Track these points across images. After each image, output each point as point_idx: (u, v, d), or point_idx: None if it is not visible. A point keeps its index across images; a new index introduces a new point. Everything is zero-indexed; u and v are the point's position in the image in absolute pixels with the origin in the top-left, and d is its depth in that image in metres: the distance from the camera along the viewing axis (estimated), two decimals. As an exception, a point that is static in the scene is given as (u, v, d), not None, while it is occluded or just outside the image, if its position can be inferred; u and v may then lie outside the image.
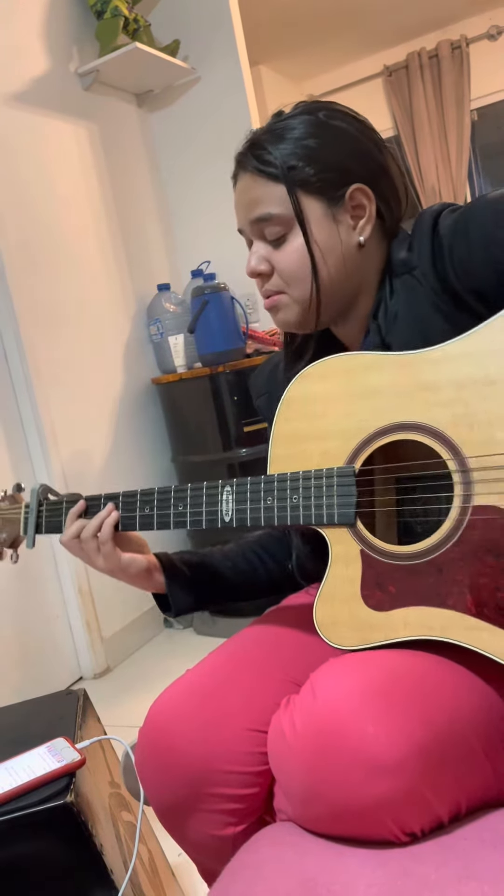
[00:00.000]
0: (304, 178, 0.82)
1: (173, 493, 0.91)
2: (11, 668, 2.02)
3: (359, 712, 0.67)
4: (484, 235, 0.74)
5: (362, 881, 0.64)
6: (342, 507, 0.80)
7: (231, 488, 0.87)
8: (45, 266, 2.23)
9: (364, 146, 0.85)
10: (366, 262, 0.87)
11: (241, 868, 0.72)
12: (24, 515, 1.00)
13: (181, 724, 0.82)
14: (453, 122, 4.18)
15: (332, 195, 0.83)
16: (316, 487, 0.81)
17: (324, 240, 0.84)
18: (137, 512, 0.93)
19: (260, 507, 0.85)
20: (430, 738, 0.67)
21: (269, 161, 0.83)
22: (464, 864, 0.65)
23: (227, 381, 2.36)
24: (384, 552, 0.78)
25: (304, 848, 0.70)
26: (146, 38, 2.53)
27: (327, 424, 0.82)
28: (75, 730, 0.91)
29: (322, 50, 4.12)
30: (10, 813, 0.76)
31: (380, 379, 0.78)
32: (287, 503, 0.83)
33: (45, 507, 0.98)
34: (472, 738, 0.70)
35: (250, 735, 0.82)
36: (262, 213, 0.84)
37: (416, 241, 0.81)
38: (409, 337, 0.80)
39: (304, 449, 0.83)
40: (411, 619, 0.76)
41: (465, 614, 0.73)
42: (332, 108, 0.86)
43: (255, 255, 0.87)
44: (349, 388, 0.80)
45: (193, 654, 2.20)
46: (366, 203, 0.84)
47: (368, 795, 0.65)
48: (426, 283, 0.80)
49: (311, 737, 0.68)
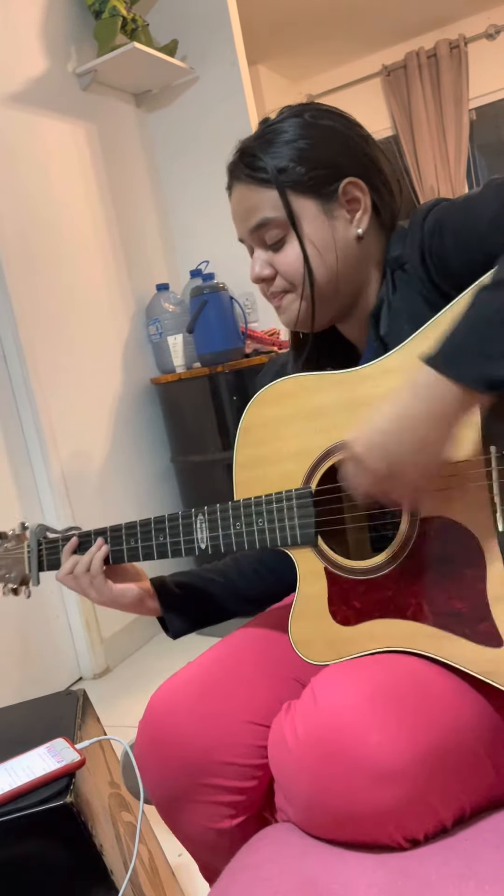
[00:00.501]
0: (295, 179, 0.83)
1: (153, 524, 0.94)
2: (11, 669, 2.02)
3: (361, 719, 0.66)
4: (455, 234, 0.75)
5: (363, 881, 0.64)
6: (303, 528, 0.82)
7: (203, 516, 0.90)
8: (44, 266, 2.23)
9: (353, 141, 0.86)
10: (365, 254, 0.87)
11: (241, 868, 0.72)
12: (28, 555, 1.04)
13: (181, 716, 0.82)
14: (452, 121, 4.18)
15: (326, 191, 0.84)
16: (278, 510, 0.84)
17: (321, 237, 0.84)
18: (124, 545, 0.96)
19: (230, 532, 0.88)
20: (433, 745, 0.66)
21: (260, 167, 0.84)
22: (465, 864, 0.65)
23: (226, 381, 2.36)
24: (345, 568, 0.80)
25: (305, 848, 0.70)
26: (144, 38, 2.52)
27: (282, 447, 0.84)
28: (75, 730, 0.91)
29: (320, 50, 4.11)
30: (10, 814, 0.76)
31: (323, 399, 0.81)
32: (254, 527, 0.86)
33: (45, 546, 1.02)
34: (474, 742, 0.70)
35: (250, 728, 0.82)
36: (259, 219, 0.85)
37: (409, 236, 0.82)
38: (408, 334, 0.80)
39: (265, 472, 0.86)
40: (377, 631, 0.78)
41: (424, 624, 0.75)
42: (317, 107, 0.87)
43: (258, 261, 0.88)
44: (298, 411, 0.83)
45: (193, 654, 2.19)
46: (360, 196, 0.85)
47: (372, 803, 0.65)
48: (416, 278, 0.80)
49: (314, 744, 0.68)
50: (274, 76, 4.29)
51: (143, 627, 2.46)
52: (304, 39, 3.93)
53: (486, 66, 4.14)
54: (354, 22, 3.83)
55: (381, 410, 0.70)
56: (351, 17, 3.75)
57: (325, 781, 0.67)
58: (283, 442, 0.84)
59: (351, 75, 4.37)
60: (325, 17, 3.69)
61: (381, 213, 0.87)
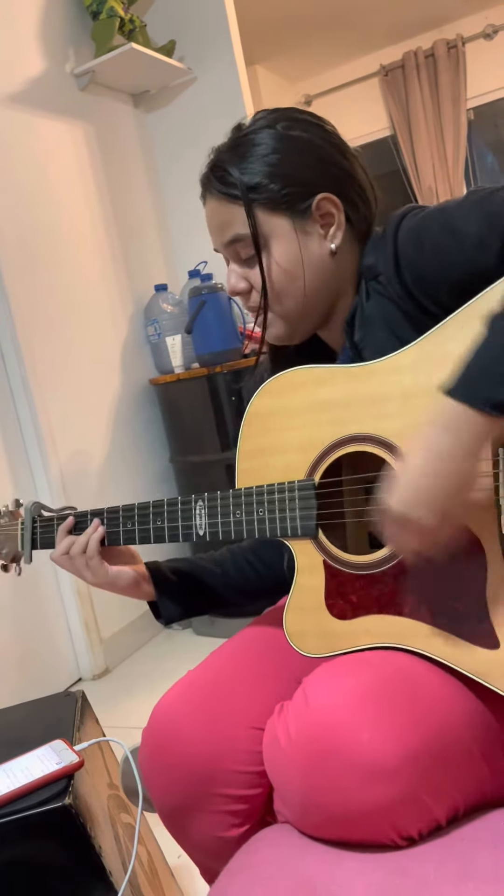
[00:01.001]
0: (267, 196, 0.83)
1: (152, 508, 0.93)
2: (10, 670, 2.01)
3: (352, 718, 0.67)
4: (433, 247, 0.75)
5: (361, 881, 0.64)
6: (304, 520, 0.82)
7: (203, 503, 0.89)
8: (42, 267, 2.23)
9: (326, 153, 0.85)
10: (341, 267, 0.87)
11: (239, 869, 0.72)
12: (21, 532, 1.02)
13: (185, 724, 0.82)
14: (450, 121, 4.18)
15: (299, 208, 0.83)
16: (279, 500, 0.84)
17: (293, 255, 0.84)
18: (121, 527, 0.95)
19: (230, 520, 0.87)
20: (425, 743, 0.67)
21: (231, 182, 0.83)
22: (462, 863, 0.65)
23: (224, 382, 2.36)
24: (344, 562, 0.80)
25: (303, 849, 0.70)
26: (142, 39, 2.52)
27: (287, 438, 0.84)
28: (74, 731, 0.91)
29: (318, 50, 4.11)
30: (9, 815, 0.76)
31: (332, 392, 0.81)
32: (254, 516, 0.85)
33: (39, 524, 1.01)
34: (467, 740, 0.70)
35: (255, 734, 0.82)
36: (233, 235, 0.85)
37: (382, 245, 0.82)
38: (382, 341, 0.81)
39: (268, 462, 0.86)
40: (372, 627, 0.78)
41: (421, 622, 0.75)
42: (291, 116, 0.86)
43: (233, 273, 0.88)
44: (305, 402, 0.83)
45: (193, 655, 2.19)
46: (333, 211, 0.84)
47: (365, 801, 0.65)
48: (391, 287, 0.80)
49: (306, 744, 0.68)
50: (272, 76, 4.29)
51: (142, 628, 2.46)
52: (302, 40, 3.93)
53: (484, 65, 4.14)
54: (352, 22, 3.83)
55: (409, 464, 0.68)
56: (349, 17, 3.75)
57: (317, 780, 0.67)
58: (289, 433, 0.84)
59: (349, 75, 4.37)
60: (323, 17, 3.69)
61: (354, 224, 0.87)
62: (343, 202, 0.85)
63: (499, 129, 4.40)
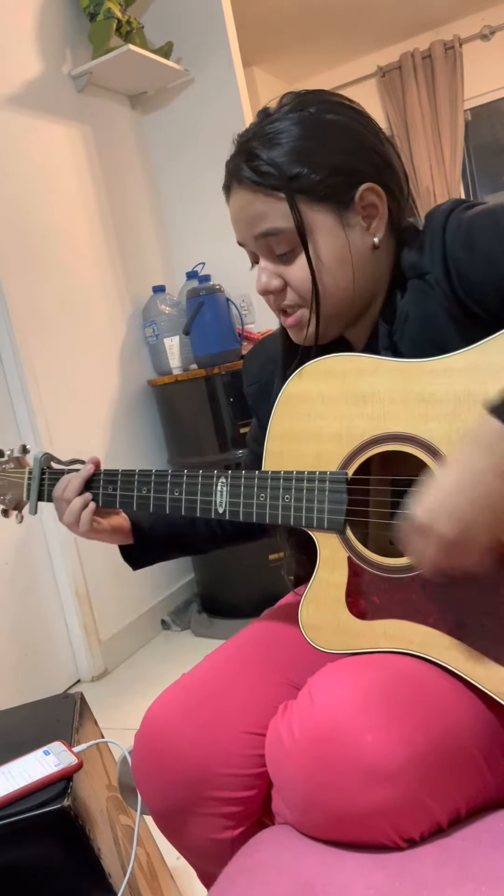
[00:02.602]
0: (309, 187, 0.76)
1: (170, 477, 0.91)
2: (9, 672, 2.01)
3: (357, 720, 0.66)
4: (485, 250, 0.72)
5: (360, 883, 0.64)
6: (332, 514, 0.80)
7: (226, 480, 0.86)
8: (40, 269, 2.23)
9: (366, 139, 0.79)
10: (380, 262, 0.82)
11: (238, 872, 0.72)
12: (28, 482, 1.01)
13: (178, 728, 0.81)
14: (447, 122, 4.18)
15: (342, 199, 0.78)
16: (308, 490, 0.81)
17: (337, 250, 0.79)
18: (135, 492, 0.93)
19: (252, 502, 0.84)
20: (429, 746, 0.66)
21: (267, 172, 0.77)
22: (462, 864, 0.65)
23: (222, 383, 2.36)
24: (371, 562, 0.78)
25: (302, 851, 0.70)
26: (139, 40, 2.52)
27: (322, 426, 0.80)
28: (72, 733, 0.91)
29: (315, 51, 4.12)
30: (8, 818, 0.76)
31: (376, 384, 0.77)
32: (279, 502, 0.83)
33: (48, 476, 1.00)
34: (471, 744, 0.70)
35: (248, 738, 0.81)
36: (268, 228, 0.79)
37: (427, 243, 0.77)
38: (420, 342, 0.78)
39: (299, 448, 0.82)
40: (391, 631, 0.76)
41: (444, 633, 0.73)
42: (324, 99, 0.79)
43: (265, 271, 0.82)
44: (345, 391, 0.79)
45: (191, 656, 2.19)
46: (377, 202, 0.79)
47: (367, 803, 0.65)
48: (439, 289, 0.76)
49: (310, 744, 0.68)
50: (269, 78, 4.29)
51: (141, 630, 2.46)
52: (299, 41, 3.94)
53: (481, 66, 4.15)
54: (349, 23, 3.83)
55: (443, 473, 0.66)
56: (346, 18, 3.76)
57: (321, 781, 0.66)
58: (325, 421, 0.80)
59: (346, 76, 4.38)
60: (320, 18, 3.69)
61: (394, 217, 0.82)
62: (385, 193, 0.79)
63: (496, 130, 4.41)
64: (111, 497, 0.96)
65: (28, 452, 1.05)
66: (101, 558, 2.27)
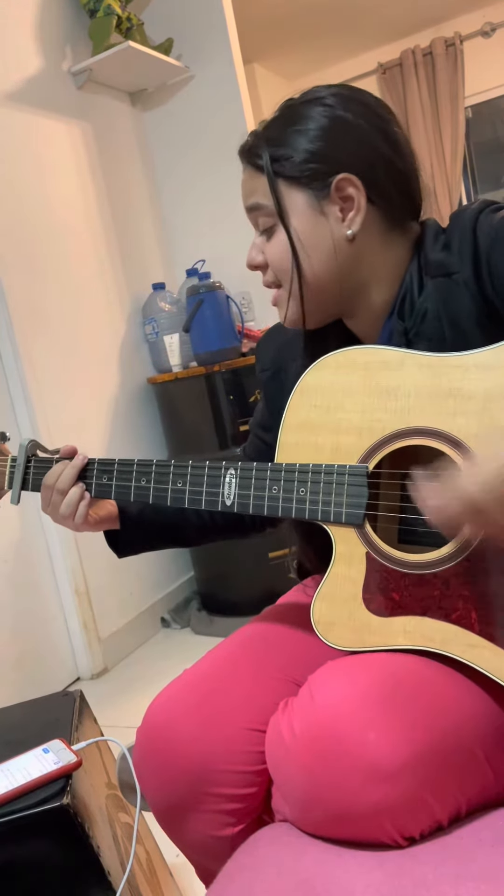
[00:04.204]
0: (287, 169, 0.81)
1: (173, 467, 0.87)
2: (8, 670, 2.01)
3: (358, 717, 0.66)
4: None
5: (360, 881, 0.64)
6: (351, 507, 0.78)
7: (235, 471, 0.84)
8: (40, 266, 2.22)
9: (364, 134, 0.81)
10: (365, 255, 0.83)
11: (238, 869, 0.72)
12: (10, 470, 0.97)
13: (180, 723, 0.82)
14: (448, 119, 4.18)
15: (319, 185, 0.80)
16: (325, 483, 0.79)
17: (308, 233, 0.81)
18: (133, 482, 0.89)
19: (264, 494, 0.82)
20: (430, 744, 0.66)
21: (257, 153, 0.83)
22: (462, 863, 0.65)
23: (223, 380, 2.36)
24: (391, 558, 0.76)
25: (302, 848, 0.70)
26: (139, 37, 2.52)
27: (342, 418, 0.78)
28: (72, 731, 0.91)
29: (316, 47, 4.11)
30: (7, 815, 0.76)
31: (400, 378, 0.75)
32: (293, 495, 0.80)
33: (34, 464, 0.96)
34: (472, 743, 0.70)
35: (249, 734, 0.81)
36: (253, 202, 0.85)
37: (454, 242, 0.78)
38: (439, 339, 0.78)
39: (316, 441, 0.80)
40: (411, 628, 0.75)
41: (469, 631, 0.72)
42: (342, 94, 0.82)
43: (254, 246, 0.87)
44: (367, 383, 0.77)
45: (191, 654, 2.19)
46: (353, 194, 0.80)
47: (368, 801, 0.65)
48: (468, 289, 0.76)
49: (311, 741, 0.68)
50: (269, 74, 4.28)
51: (141, 627, 2.46)
52: (300, 37, 3.93)
53: (482, 63, 4.14)
54: (350, 20, 3.82)
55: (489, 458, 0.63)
56: (346, 14, 3.75)
57: (321, 778, 0.66)
58: (345, 413, 0.78)
59: (347, 73, 4.37)
60: (321, 15, 3.69)
61: (387, 214, 0.82)
62: (367, 187, 0.80)
63: (496, 128, 4.40)
64: (105, 487, 0.92)
65: (7, 440, 1.00)
66: (101, 556, 2.27)
